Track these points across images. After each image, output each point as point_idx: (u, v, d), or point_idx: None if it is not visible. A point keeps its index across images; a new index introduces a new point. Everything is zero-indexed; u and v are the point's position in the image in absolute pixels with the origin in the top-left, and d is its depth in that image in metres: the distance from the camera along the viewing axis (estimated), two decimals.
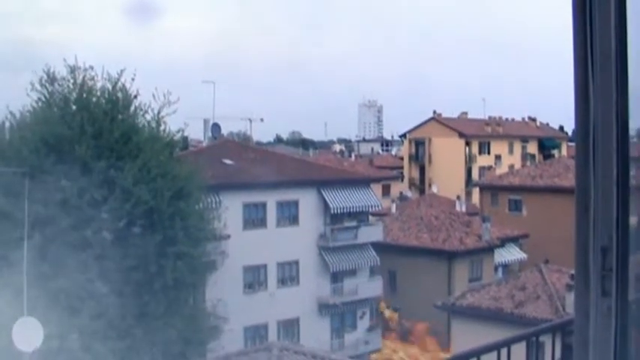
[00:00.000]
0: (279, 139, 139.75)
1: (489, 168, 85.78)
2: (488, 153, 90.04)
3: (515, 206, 60.70)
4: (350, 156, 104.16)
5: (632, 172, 2.65)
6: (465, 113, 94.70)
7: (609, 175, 2.59)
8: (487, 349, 4.71)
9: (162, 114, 33.60)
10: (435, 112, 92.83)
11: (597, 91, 2.57)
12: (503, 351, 4.73)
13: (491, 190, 64.72)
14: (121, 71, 33.02)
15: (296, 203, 47.01)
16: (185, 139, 41.09)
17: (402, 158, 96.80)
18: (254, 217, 45.38)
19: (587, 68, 2.59)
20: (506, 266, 55.42)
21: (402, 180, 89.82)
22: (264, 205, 45.54)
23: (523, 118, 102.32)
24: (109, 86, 32.97)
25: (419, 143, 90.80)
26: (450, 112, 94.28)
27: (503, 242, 55.50)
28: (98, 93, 32.98)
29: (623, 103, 2.57)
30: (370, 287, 49.61)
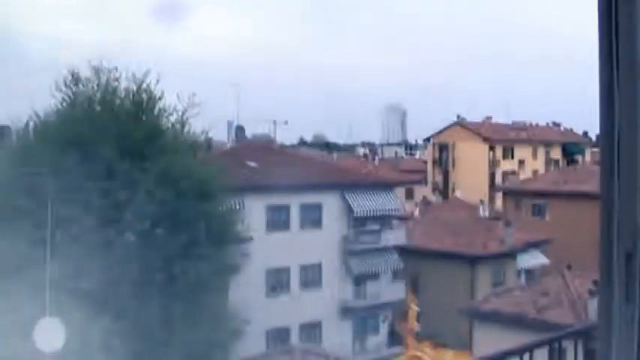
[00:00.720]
0: (302, 142, 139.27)
1: (513, 173, 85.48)
2: (512, 158, 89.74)
3: (539, 211, 60.35)
4: (374, 159, 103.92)
5: None
6: (489, 118, 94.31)
7: (634, 181, 2.57)
8: (509, 353, 4.70)
9: (186, 115, 33.72)
10: (458, 116, 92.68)
11: (622, 96, 2.56)
12: (525, 356, 4.71)
13: (515, 195, 64.35)
14: (146, 72, 33.16)
15: (319, 206, 47.02)
16: (209, 140, 41.12)
17: (425, 162, 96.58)
18: (277, 220, 45.42)
19: (612, 73, 2.57)
20: (529, 271, 55.11)
21: (426, 184, 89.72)
22: (287, 208, 45.59)
23: (547, 123, 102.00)
24: (134, 87, 33.09)
25: (443, 147, 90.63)
26: (473, 116, 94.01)
27: (526, 247, 55.15)
28: (122, 94, 33.10)
29: None
30: (393, 291, 49.48)
